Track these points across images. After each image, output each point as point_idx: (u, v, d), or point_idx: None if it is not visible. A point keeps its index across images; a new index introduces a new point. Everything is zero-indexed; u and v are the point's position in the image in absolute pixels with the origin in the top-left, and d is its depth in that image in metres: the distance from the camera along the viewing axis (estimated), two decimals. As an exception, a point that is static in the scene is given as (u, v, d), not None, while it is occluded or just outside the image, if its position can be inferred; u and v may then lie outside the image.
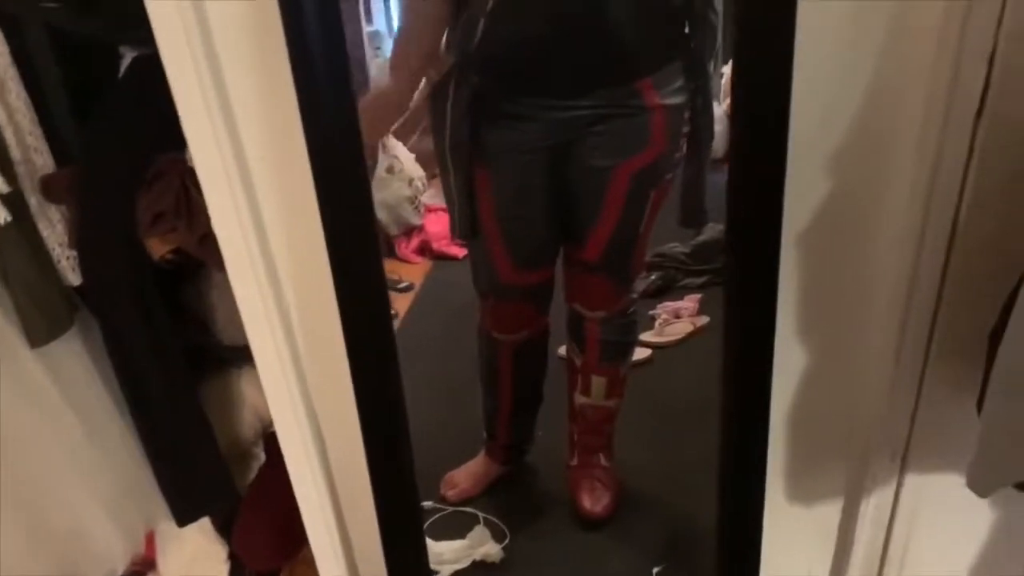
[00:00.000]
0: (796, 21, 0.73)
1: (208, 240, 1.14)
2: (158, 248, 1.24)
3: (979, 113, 0.80)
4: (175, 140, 1.14)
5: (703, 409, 2.18)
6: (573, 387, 1.92)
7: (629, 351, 1.88)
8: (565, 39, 1.39)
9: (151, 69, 1.01)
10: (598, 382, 1.87)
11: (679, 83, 1.49)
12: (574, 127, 1.49)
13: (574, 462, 1.98)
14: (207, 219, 1.08)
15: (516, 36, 1.41)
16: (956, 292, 0.90)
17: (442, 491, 1.97)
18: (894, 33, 0.80)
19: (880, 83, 0.82)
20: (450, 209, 1.65)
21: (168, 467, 1.35)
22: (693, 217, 1.67)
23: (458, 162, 1.54)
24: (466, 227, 1.62)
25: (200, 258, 1.24)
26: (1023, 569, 1.12)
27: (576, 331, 1.84)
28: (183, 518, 1.38)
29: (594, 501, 1.91)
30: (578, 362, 1.87)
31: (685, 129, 1.54)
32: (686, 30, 1.47)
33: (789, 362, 0.97)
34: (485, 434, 2.03)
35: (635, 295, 1.79)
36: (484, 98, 1.47)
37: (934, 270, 0.89)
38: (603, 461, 1.96)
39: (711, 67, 1.54)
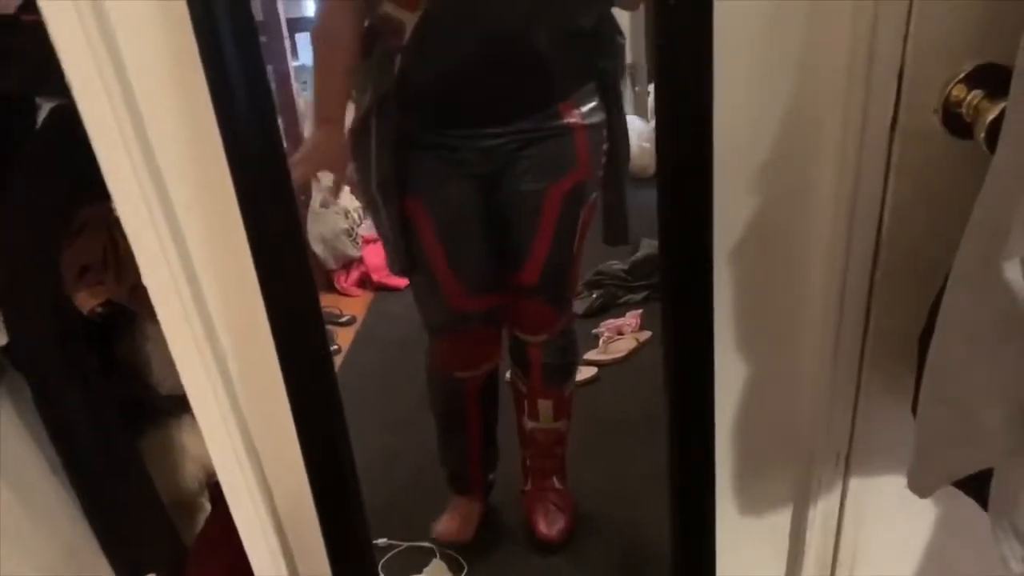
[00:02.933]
0: (713, 45, 0.75)
1: (139, 291, 1.12)
2: (86, 302, 1.21)
3: (893, 125, 0.83)
4: (99, 191, 1.12)
5: (652, 423, 2.20)
6: (521, 412, 1.92)
7: (572, 371, 1.89)
8: (484, 70, 1.40)
9: (70, 119, 0.99)
10: (544, 405, 1.87)
11: (595, 103, 1.52)
12: (502, 154, 1.51)
13: (528, 487, 1.97)
14: (136, 269, 1.06)
15: (435, 70, 1.41)
16: (885, 297, 0.92)
17: (441, 539, 1.93)
18: (807, 52, 0.82)
19: (798, 101, 0.84)
20: (385, 246, 1.64)
21: (109, 525, 1.31)
22: (617, 234, 1.70)
23: (388, 198, 1.53)
24: (404, 262, 1.61)
25: (132, 309, 1.21)
26: (970, 562, 1.15)
27: (519, 357, 1.85)
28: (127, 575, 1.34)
29: (549, 525, 1.91)
30: (523, 388, 1.88)
31: (604, 147, 1.57)
32: (596, 52, 1.50)
33: (730, 374, 0.99)
34: (453, 480, 1.99)
35: (572, 315, 1.80)
36: (408, 132, 1.47)
37: (862, 277, 0.91)
38: (557, 484, 1.96)
39: (621, 86, 1.58)
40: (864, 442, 1.03)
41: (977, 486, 0.81)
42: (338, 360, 2.60)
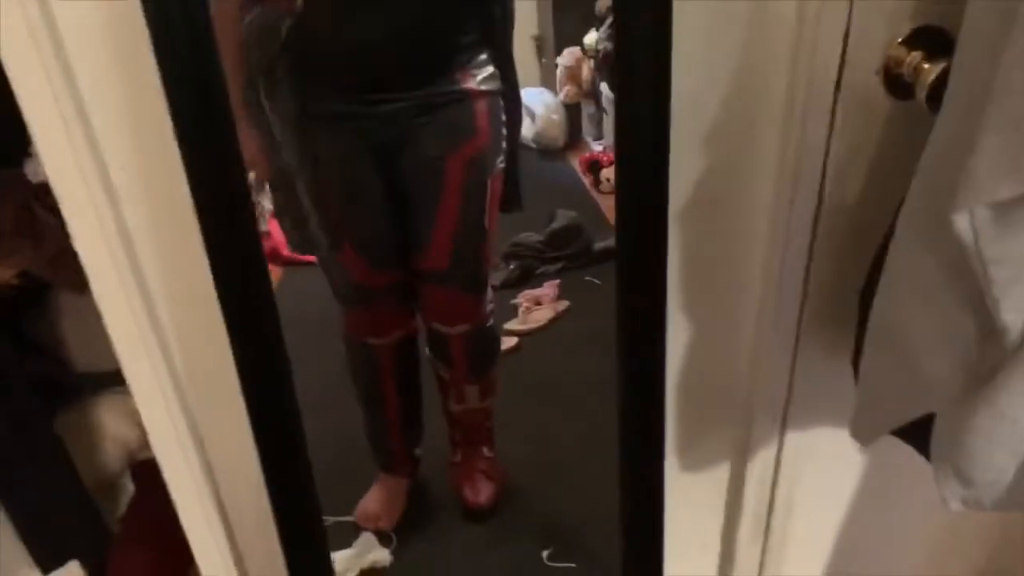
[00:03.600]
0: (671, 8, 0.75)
1: (60, 260, 1.06)
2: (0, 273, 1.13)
3: (837, 85, 0.85)
4: (5, 156, 1.05)
5: (572, 390, 2.26)
6: (447, 397, 1.91)
7: (496, 356, 1.88)
8: (377, 37, 1.38)
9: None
10: (471, 390, 1.87)
11: (491, 69, 1.52)
12: (401, 121, 1.48)
13: (457, 458, 1.97)
14: (56, 238, 1.00)
15: (327, 38, 1.37)
16: (824, 255, 0.95)
17: (361, 524, 1.89)
18: (757, 12, 0.84)
19: (746, 62, 0.86)
20: (282, 223, 1.60)
21: (26, 511, 1.23)
22: (511, 201, 1.70)
23: (283, 175, 1.49)
24: (304, 240, 1.57)
25: (51, 280, 1.14)
26: (892, 510, 1.22)
27: (439, 350, 1.82)
28: (48, 564, 1.27)
29: (477, 492, 1.91)
30: (447, 376, 1.85)
31: (503, 117, 1.58)
32: (488, 18, 1.50)
33: (676, 334, 1.00)
34: (378, 456, 1.97)
35: (492, 305, 1.78)
36: (302, 103, 1.43)
37: (803, 236, 0.94)
38: (486, 453, 1.96)
39: (511, 50, 1.59)
40: (801, 398, 1.07)
41: (915, 433, 0.85)
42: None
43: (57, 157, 0.80)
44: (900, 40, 0.83)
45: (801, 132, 0.87)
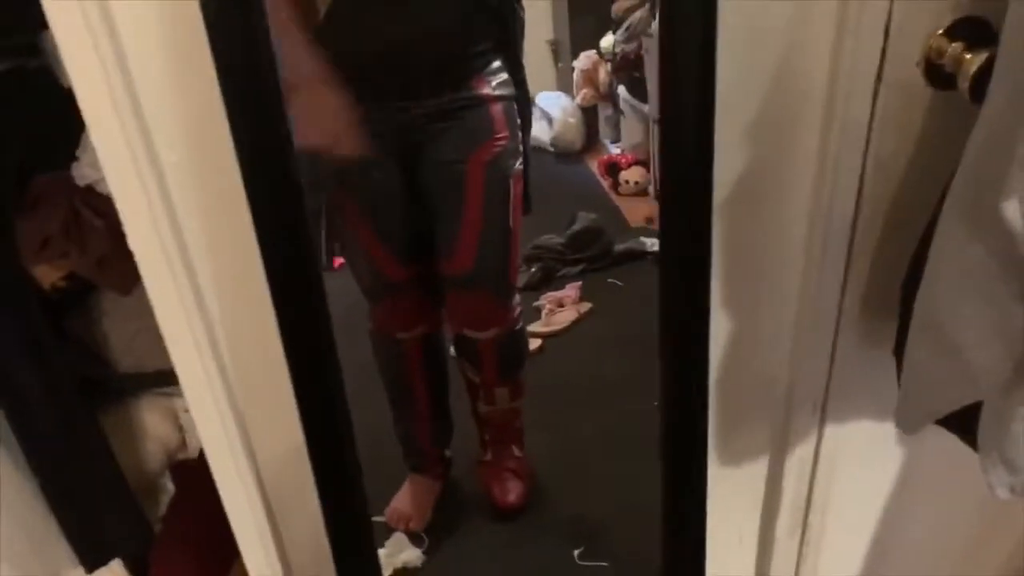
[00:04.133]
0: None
1: (107, 262, 1.07)
2: (48, 275, 1.15)
3: (879, 77, 0.86)
4: (52, 159, 1.07)
5: (598, 390, 2.26)
6: (476, 399, 1.92)
7: (524, 358, 1.90)
8: (396, 47, 1.41)
9: (16, 84, 0.94)
10: (500, 392, 1.88)
11: (504, 76, 1.55)
12: (419, 128, 1.52)
13: (487, 457, 1.98)
14: (102, 240, 1.02)
15: (349, 49, 1.40)
16: (864, 248, 0.96)
17: (392, 524, 1.91)
18: (798, 8, 0.85)
19: (789, 55, 0.87)
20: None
21: (72, 510, 1.25)
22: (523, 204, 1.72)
23: (313, 183, 1.52)
24: (330, 247, 1.61)
25: (98, 283, 1.16)
26: (930, 505, 1.22)
27: (468, 353, 1.84)
28: (92, 563, 1.29)
29: (506, 492, 1.92)
30: (476, 379, 1.87)
31: (518, 120, 1.61)
32: (501, 26, 1.54)
33: (717, 328, 1.01)
34: (409, 456, 1.99)
35: (519, 308, 1.80)
36: None
37: (843, 228, 0.95)
38: (516, 452, 1.97)
39: (521, 56, 1.62)
40: (840, 391, 1.07)
41: (960, 422, 0.85)
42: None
43: (113, 154, 0.81)
44: (941, 31, 0.84)
45: (842, 124, 0.88)
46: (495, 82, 1.56)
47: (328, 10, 1.34)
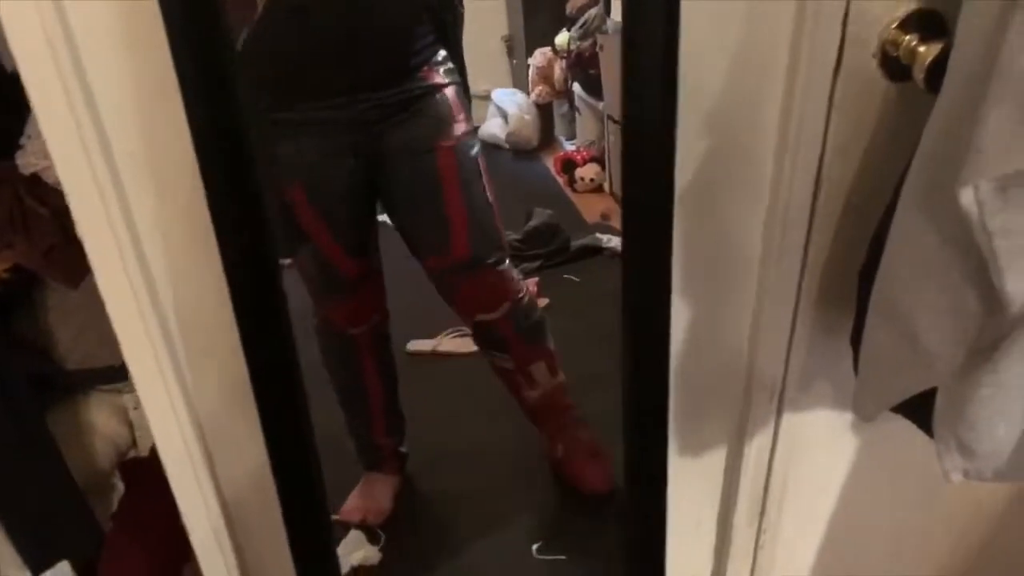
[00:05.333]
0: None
1: (54, 253, 1.04)
2: (-9, 267, 1.11)
3: (836, 69, 0.87)
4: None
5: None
6: (519, 389, 1.89)
7: (544, 322, 1.86)
8: (337, 41, 1.40)
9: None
10: (538, 368, 1.86)
11: (450, 65, 1.58)
12: (374, 121, 1.51)
13: (559, 453, 1.94)
14: (48, 230, 0.98)
15: (288, 43, 1.39)
16: (823, 239, 0.97)
17: (346, 518, 1.89)
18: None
19: (748, 43, 0.87)
20: None
21: (17, 511, 1.21)
22: None
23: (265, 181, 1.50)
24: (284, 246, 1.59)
25: (44, 275, 1.12)
26: (886, 493, 1.24)
27: (490, 339, 1.82)
28: (39, 565, 1.25)
29: (596, 479, 1.89)
30: (510, 364, 1.85)
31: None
32: (444, 18, 1.57)
33: (676, 317, 1.01)
34: (363, 455, 1.97)
35: (520, 275, 1.79)
36: (265, 110, 1.45)
37: (801, 217, 0.96)
38: (584, 435, 1.94)
39: (462, 48, 1.66)
40: (797, 378, 1.08)
41: (916, 409, 0.87)
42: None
43: (62, 141, 0.79)
44: (895, 24, 0.85)
45: (801, 112, 0.89)
46: (443, 70, 1.59)
47: (263, 8, 1.32)
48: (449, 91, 1.59)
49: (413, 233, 1.67)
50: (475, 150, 1.64)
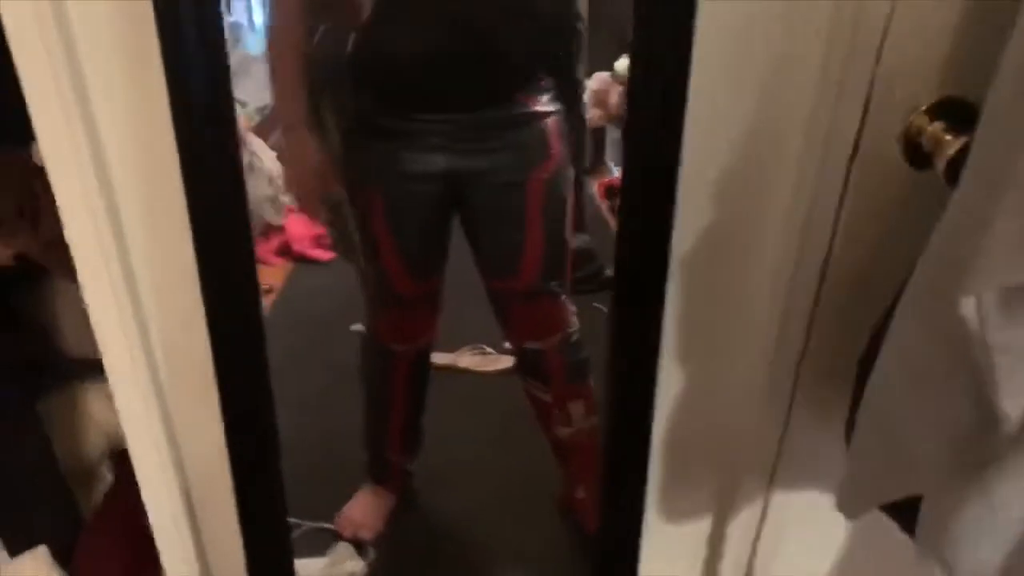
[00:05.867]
0: (691, 54, 0.74)
1: (55, 246, 1.04)
2: (-2, 253, 1.12)
3: (855, 148, 0.83)
4: (12, 134, 1.04)
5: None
6: (550, 423, 1.84)
7: (588, 363, 1.80)
8: (443, 53, 1.37)
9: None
10: (575, 407, 1.80)
11: (554, 93, 1.51)
12: (464, 141, 1.48)
13: (580, 494, 1.89)
14: (55, 223, 0.99)
15: (393, 51, 1.37)
16: (827, 318, 0.93)
17: (340, 530, 1.87)
18: (777, 72, 0.82)
19: (764, 116, 0.84)
20: (331, 232, 1.60)
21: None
22: (576, 223, 1.72)
23: (349, 187, 1.49)
24: (350, 251, 1.57)
25: (45, 265, 1.13)
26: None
27: (534, 368, 1.78)
28: (15, 547, 1.26)
29: None
30: (547, 397, 1.79)
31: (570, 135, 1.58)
32: (555, 38, 1.49)
33: (668, 382, 0.99)
34: (372, 466, 1.95)
35: (574, 308, 1.74)
36: (366, 117, 1.43)
37: (807, 297, 0.92)
38: None
39: (580, 75, 1.58)
40: (791, 460, 1.04)
41: (904, 512, 0.82)
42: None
43: (54, 144, 0.79)
44: (923, 108, 0.81)
45: (814, 191, 0.85)
46: (545, 98, 1.52)
47: (373, 10, 1.31)
48: (550, 120, 1.53)
49: (484, 253, 1.64)
50: (566, 184, 1.58)
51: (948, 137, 0.79)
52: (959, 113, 0.80)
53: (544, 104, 1.51)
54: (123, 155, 0.82)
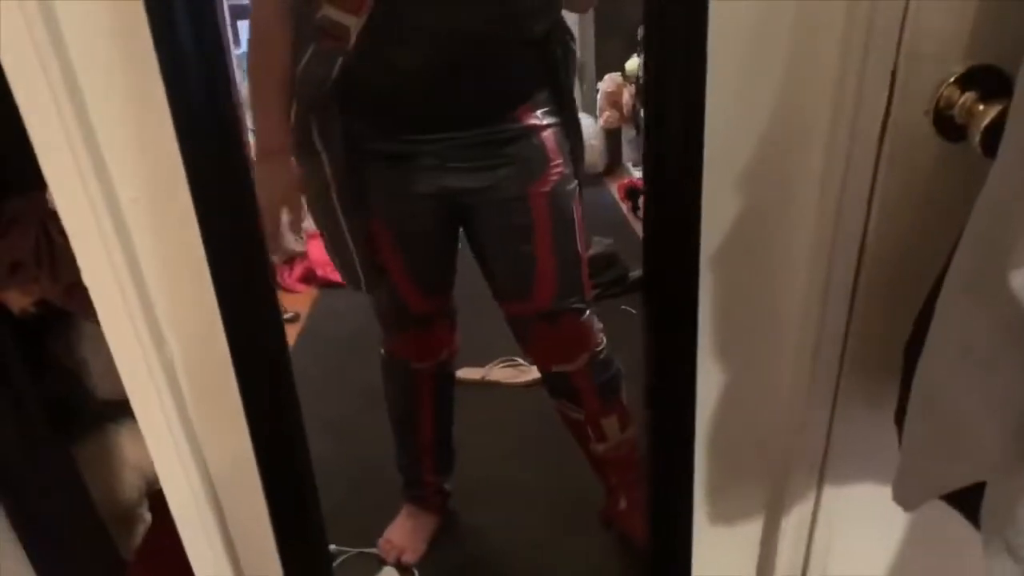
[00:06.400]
0: (707, 42, 0.71)
1: (77, 289, 1.04)
2: (17, 301, 1.12)
3: (884, 126, 0.80)
4: (29, 179, 1.03)
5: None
6: (585, 440, 1.80)
7: (621, 377, 1.75)
8: (432, 76, 1.35)
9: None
10: (609, 423, 1.76)
11: (549, 107, 1.49)
12: (462, 161, 1.46)
13: (622, 506, 1.86)
14: (73, 266, 0.98)
15: (381, 75, 1.35)
16: (867, 304, 0.90)
17: (383, 556, 1.86)
18: (799, 49, 0.79)
19: (788, 101, 0.81)
20: (334, 260, 1.58)
21: (38, 539, 1.21)
22: None
23: (345, 211, 1.47)
24: (356, 278, 1.55)
25: (68, 309, 1.12)
26: (932, 572, 1.15)
27: (565, 391, 1.73)
28: (60, 594, 1.25)
29: None
30: (579, 416, 1.75)
31: (568, 147, 1.54)
32: (549, 57, 1.47)
33: (708, 381, 0.95)
34: (408, 488, 1.93)
35: (601, 327, 1.69)
36: (358, 139, 1.41)
37: (845, 283, 0.89)
38: None
39: (573, 88, 1.55)
40: (840, 452, 1.01)
41: (965, 500, 0.79)
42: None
43: (66, 189, 0.78)
44: (953, 79, 0.78)
45: (844, 173, 0.82)
46: (540, 111, 1.49)
47: (360, 36, 1.29)
48: (547, 133, 1.49)
49: (496, 277, 1.61)
50: (571, 197, 1.54)
51: (981, 107, 0.76)
52: (991, 82, 0.77)
53: (540, 118, 1.49)
54: (134, 191, 0.81)
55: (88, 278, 0.83)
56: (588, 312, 1.64)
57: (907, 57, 0.77)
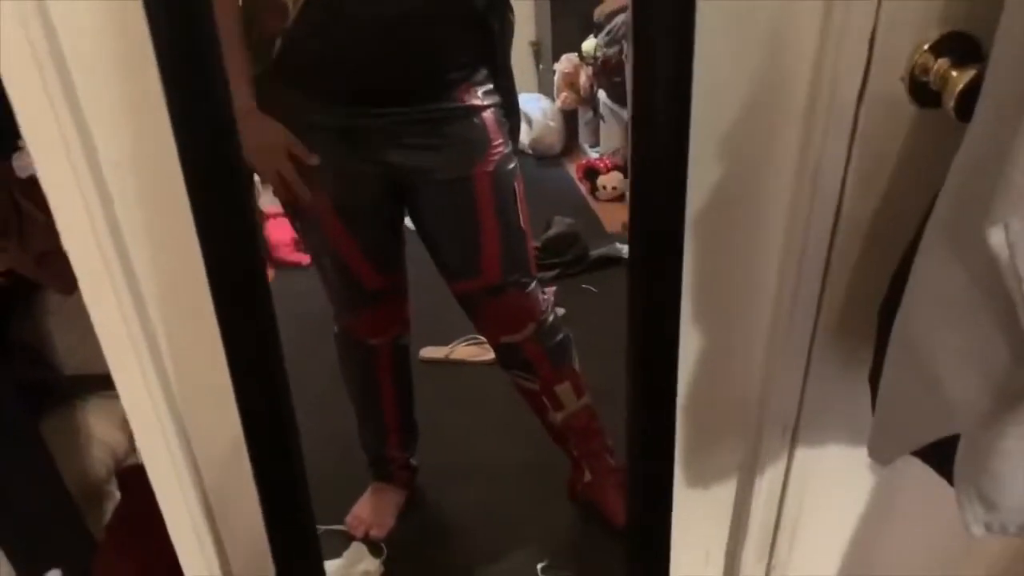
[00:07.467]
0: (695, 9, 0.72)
1: (47, 259, 1.02)
2: (-16, 271, 1.09)
3: (861, 91, 0.82)
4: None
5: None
6: (543, 411, 1.83)
7: (570, 343, 1.80)
8: (373, 52, 1.36)
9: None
10: (563, 390, 1.80)
11: (491, 85, 1.51)
12: (404, 137, 1.47)
13: (587, 478, 1.89)
14: (44, 235, 0.96)
15: (321, 51, 1.35)
16: (842, 267, 0.93)
17: (351, 531, 1.85)
18: (781, 17, 0.81)
19: (769, 64, 0.83)
20: (293, 226, 1.60)
21: (7, 517, 1.19)
22: None
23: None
24: (310, 248, 1.56)
25: (37, 280, 1.10)
26: (901, 532, 1.19)
27: (514, 359, 1.77)
28: (29, 572, 1.23)
29: (622, 509, 1.83)
30: (534, 385, 1.79)
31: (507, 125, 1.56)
32: (489, 31, 1.48)
33: (686, 346, 0.97)
34: (374, 465, 1.93)
35: (546, 296, 1.73)
36: (301, 115, 1.41)
37: (820, 246, 0.91)
38: (612, 462, 1.88)
39: (510, 61, 1.57)
40: (812, 414, 1.04)
41: (937, 454, 0.82)
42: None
43: (47, 152, 0.76)
44: (927, 46, 0.81)
45: (822, 138, 0.84)
46: (481, 91, 1.51)
47: (300, 12, 1.28)
48: (487, 114, 1.52)
49: (442, 255, 1.63)
50: (512, 175, 1.56)
51: (955, 73, 0.79)
52: (964, 48, 0.80)
53: (480, 98, 1.50)
54: (120, 158, 0.79)
55: (68, 242, 0.81)
56: (534, 284, 1.68)
57: (885, 23, 0.79)
